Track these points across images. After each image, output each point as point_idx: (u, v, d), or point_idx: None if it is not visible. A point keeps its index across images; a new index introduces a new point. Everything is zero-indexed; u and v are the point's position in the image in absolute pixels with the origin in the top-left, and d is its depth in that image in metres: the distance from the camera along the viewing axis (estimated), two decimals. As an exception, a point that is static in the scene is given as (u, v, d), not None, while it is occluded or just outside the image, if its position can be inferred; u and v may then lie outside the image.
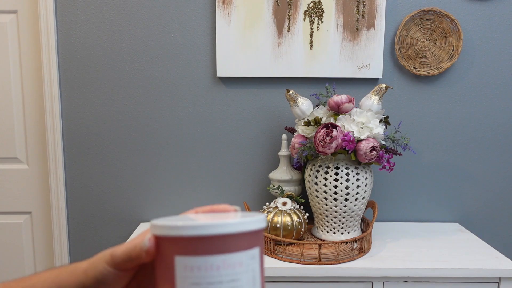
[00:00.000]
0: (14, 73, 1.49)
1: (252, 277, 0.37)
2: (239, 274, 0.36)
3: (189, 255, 0.35)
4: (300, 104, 1.28)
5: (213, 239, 0.35)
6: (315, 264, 1.16)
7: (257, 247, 0.38)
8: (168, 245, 0.36)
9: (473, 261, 1.19)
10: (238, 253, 0.36)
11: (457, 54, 1.41)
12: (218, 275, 0.35)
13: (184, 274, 0.35)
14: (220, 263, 0.35)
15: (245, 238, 0.37)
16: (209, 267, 0.35)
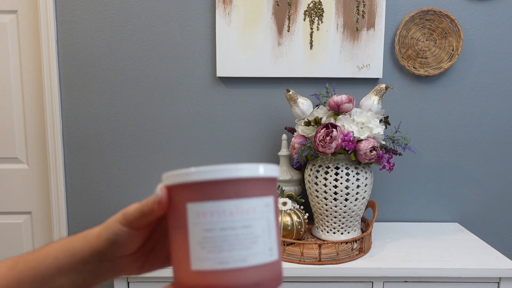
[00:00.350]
0: (14, 73, 1.49)
1: (266, 225, 0.36)
2: (252, 220, 0.35)
3: (201, 201, 0.34)
4: (300, 104, 1.28)
5: (226, 184, 0.34)
6: (315, 264, 1.16)
7: (272, 196, 0.37)
8: (180, 192, 0.35)
9: (473, 261, 1.19)
10: (252, 199, 0.35)
11: (457, 54, 1.41)
12: (231, 220, 0.34)
13: (196, 220, 0.34)
14: (233, 208, 0.34)
15: (259, 184, 0.36)
16: (221, 213, 0.34)
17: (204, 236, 0.34)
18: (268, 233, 0.36)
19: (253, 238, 0.35)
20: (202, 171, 0.34)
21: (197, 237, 0.34)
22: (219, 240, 0.34)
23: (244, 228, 0.34)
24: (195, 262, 0.34)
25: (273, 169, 0.37)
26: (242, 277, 0.34)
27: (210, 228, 0.34)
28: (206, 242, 0.34)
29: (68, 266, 0.41)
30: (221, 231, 0.34)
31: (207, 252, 0.34)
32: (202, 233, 0.34)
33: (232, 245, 0.34)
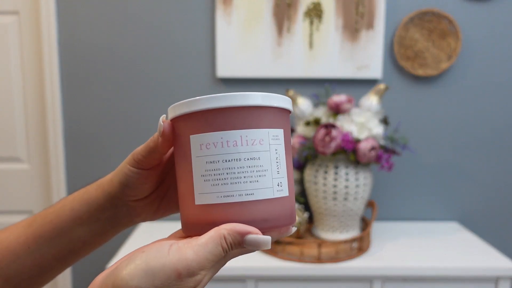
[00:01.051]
0: (16, 74, 1.50)
1: (275, 158, 0.33)
2: (259, 152, 0.32)
3: (204, 132, 0.32)
4: (300, 104, 1.29)
5: (230, 113, 0.32)
6: (314, 263, 1.16)
7: (281, 128, 0.34)
8: (183, 124, 0.33)
9: (471, 260, 1.20)
10: (259, 130, 0.32)
11: (455, 55, 1.42)
12: (236, 151, 0.31)
13: (199, 152, 0.32)
14: (238, 138, 0.32)
15: (268, 114, 0.33)
16: (225, 143, 0.31)
17: (207, 169, 0.32)
18: (277, 167, 0.33)
19: (260, 171, 0.32)
20: (204, 99, 0.32)
21: (200, 170, 0.32)
22: (223, 172, 0.31)
23: (250, 160, 0.32)
24: (199, 197, 0.32)
25: (284, 100, 0.34)
26: (248, 211, 0.32)
27: (213, 160, 0.32)
28: (210, 175, 0.32)
29: (85, 215, 0.41)
30: (225, 162, 0.31)
31: (211, 185, 0.32)
32: (205, 165, 0.32)
33: (237, 177, 0.31)
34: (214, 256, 0.30)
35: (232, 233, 0.30)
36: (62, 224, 0.41)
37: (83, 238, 0.42)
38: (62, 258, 0.43)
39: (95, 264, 1.53)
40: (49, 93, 1.46)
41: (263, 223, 0.32)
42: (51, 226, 0.41)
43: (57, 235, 0.41)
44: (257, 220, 0.32)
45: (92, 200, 0.41)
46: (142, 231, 1.43)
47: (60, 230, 0.41)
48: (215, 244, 0.30)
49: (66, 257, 0.43)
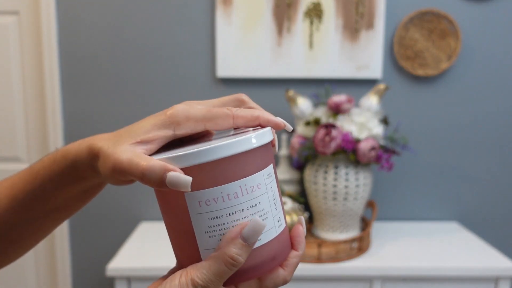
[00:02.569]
0: (16, 74, 1.50)
1: (272, 197, 0.33)
2: (259, 197, 0.31)
3: (201, 189, 0.30)
4: (300, 104, 1.29)
5: (224, 164, 0.30)
6: (314, 263, 1.16)
7: (271, 163, 0.33)
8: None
9: (471, 260, 1.20)
10: (256, 175, 0.31)
11: (455, 55, 1.42)
12: (238, 202, 0.31)
13: (199, 210, 0.30)
14: (237, 190, 0.30)
15: (258, 153, 0.32)
16: (226, 197, 0.30)
17: (211, 225, 0.31)
18: (274, 204, 0.33)
19: (263, 214, 0.32)
20: (195, 153, 0.29)
21: (203, 227, 0.31)
22: (229, 226, 0.31)
23: (252, 208, 0.31)
24: (206, 252, 0.31)
25: (268, 134, 0.33)
26: (258, 257, 0.32)
27: (216, 216, 0.30)
28: (215, 231, 0.31)
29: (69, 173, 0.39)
30: (229, 216, 0.31)
31: (217, 240, 0.31)
32: (207, 221, 0.31)
33: None
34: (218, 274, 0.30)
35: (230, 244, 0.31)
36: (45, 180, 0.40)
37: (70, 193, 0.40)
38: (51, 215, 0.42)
39: (95, 264, 1.53)
40: (49, 93, 1.46)
41: (272, 262, 0.33)
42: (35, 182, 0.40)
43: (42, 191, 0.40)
44: (267, 261, 0.32)
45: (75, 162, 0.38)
46: (142, 231, 1.43)
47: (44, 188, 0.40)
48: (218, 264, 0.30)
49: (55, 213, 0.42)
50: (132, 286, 1.18)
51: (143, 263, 1.18)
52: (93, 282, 1.55)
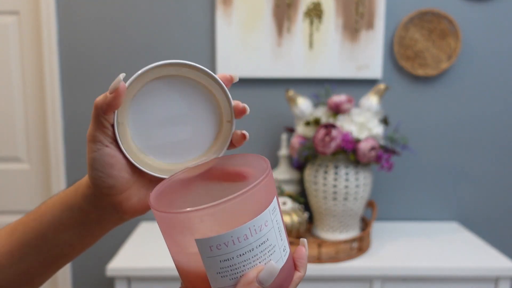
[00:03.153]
0: (16, 73, 1.50)
1: (277, 229, 0.34)
2: (266, 234, 0.32)
3: (210, 235, 0.31)
4: (300, 104, 1.29)
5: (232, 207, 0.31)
6: (314, 263, 1.16)
7: (274, 195, 0.34)
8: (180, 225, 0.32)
9: (471, 260, 1.20)
10: (263, 214, 0.32)
11: (455, 55, 1.42)
12: (248, 243, 0.31)
13: (211, 254, 0.31)
14: (246, 232, 0.31)
15: (263, 188, 0.32)
16: (236, 240, 0.31)
17: (223, 266, 0.32)
18: (280, 235, 0.34)
19: (271, 249, 0.33)
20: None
21: (215, 268, 0.32)
22: (240, 265, 0.32)
23: (261, 245, 0.32)
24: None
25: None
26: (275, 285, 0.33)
27: (228, 258, 0.31)
28: (227, 271, 0.32)
29: (68, 221, 0.39)
30: (240, 257, 0.32)
31: (229, 279, 0.32)
32: (219, 263, 0.32)
33: (253, 265, 0.32)
34: None
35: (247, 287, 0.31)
36: (45, 231, 0.40)
37: (70, 242, 0.40)
38: (49, 264, 0.41)
39: (95, 264, 1.53)
40: (49, 93, 1.46)
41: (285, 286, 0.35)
42: (34, 233, 0.40)
43: (42, 242, 0.40)
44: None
45: (72, 205, 0.39)
46: (142, 231, 1.43)
47: (44, 237, 0.40)
48: None
49: (54, 263, 0.41)
50: (132, 286, 1.18)
51: (143, 263, 1.18)
52: (93, 282, 1.55)
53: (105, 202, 0.38)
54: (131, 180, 0.38)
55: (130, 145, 0.38)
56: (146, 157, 0.39)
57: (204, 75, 0.39)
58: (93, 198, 0.38)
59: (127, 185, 0.38)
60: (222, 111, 0.40)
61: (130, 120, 0.38)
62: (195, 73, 0.39)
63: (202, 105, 0.40)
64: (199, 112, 0.40)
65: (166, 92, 0.39)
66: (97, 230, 0.41)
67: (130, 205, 0.39)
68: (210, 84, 0.39)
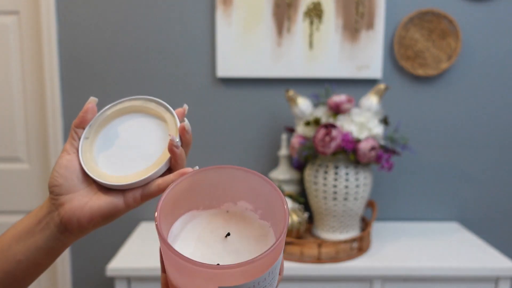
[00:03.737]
0: (16, 73, 1.50)
1: (274, 276, 0.37)
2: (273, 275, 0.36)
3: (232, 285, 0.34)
4: (300, 104, 1.29)
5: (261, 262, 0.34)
6: (314, 263, 1.16)
7: (280, 254, 0.37)
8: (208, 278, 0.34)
9: (471, 260, 1.20)
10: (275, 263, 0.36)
11: (455, 55, 1.42)
12: (264, 283, 0.35)
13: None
14: (266, 276, 0.35)
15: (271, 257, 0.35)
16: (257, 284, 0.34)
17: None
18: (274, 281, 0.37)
19: (275, 275, 0.36)
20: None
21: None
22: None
23: (272, 279, 0.35)
24: None
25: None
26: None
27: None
28: None
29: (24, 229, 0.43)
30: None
31: None
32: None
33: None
34: None
35: None
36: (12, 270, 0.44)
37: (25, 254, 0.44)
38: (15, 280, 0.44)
39: (95, 264, 1.53)
40: (49, 92, 1.46)
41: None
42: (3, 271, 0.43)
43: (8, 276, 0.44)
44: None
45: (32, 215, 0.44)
46: (142, 231, 1.43)
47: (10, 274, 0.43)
48: None
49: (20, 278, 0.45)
50: (132, 286, 1.18)
51: (143, 263, 1.18)
52: (93, 282, 1.55)
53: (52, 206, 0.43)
54: (79, 186, 0.44)
55: (90, 157, 0.45)
56: (101, 170, 0.45)
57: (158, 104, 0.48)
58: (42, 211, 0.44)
59: (74, 188, 0.43)
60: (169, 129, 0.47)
61: (96, 137, 0.47)
62: (153, 105, 0.48)
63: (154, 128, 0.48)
64: (152, 133, 0.47)
65: (128, 120, 0.48)
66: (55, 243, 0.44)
67: (70, 207, 0.43)
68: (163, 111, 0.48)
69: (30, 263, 0.43)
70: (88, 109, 0.45)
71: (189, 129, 0.45)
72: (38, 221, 0.43)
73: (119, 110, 0.48)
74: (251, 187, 0.40)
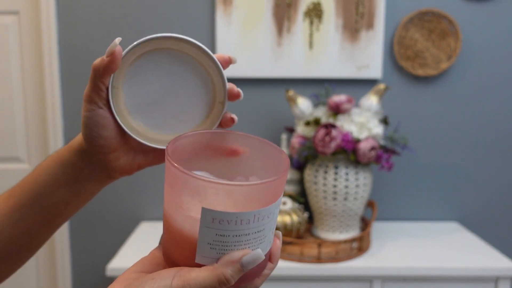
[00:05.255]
0: (16, 73, 1.50)
1: (274, 222, 0.35)
2: (265, 224, 0.34)
3: (218, 209, 0.32)
4: (300, 104, 1.29)
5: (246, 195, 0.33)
6: (314, 263, 1.16)
7: (282, 192, 0.36)
8: (193, 187, 0.33)
9: (471, 260, 1.20)
10: (270, 206, 0.34)
11: (455, 55, 1.42)
12: (247, 228, 0.33)
13: (210, 225, 0.33)
14: (250, 217, 0.33)
15: (275, 187, 0.34)
16: (239, 222, 0.33)
17: (216, 240, 0.33)
18: (273, 228, 0.36)
19: (262, 239, 0.34)
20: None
21: (208, 239, 0.33)
22: (231, 244, 0.33)
23: (257, 233, 0.34)
24: (201, 258, 0.34)
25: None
26: (246, 273, 0.34)
27: (224, 234, 0.33)
28: (217, 245, 0.33)
29: (62, 178, 0.41)
30: (235, 237, 0.33)
31: (216, 252, 0.33)
32: (214, 236, 0.33)
33: (242, 247, 0.34)
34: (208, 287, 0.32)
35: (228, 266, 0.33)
36: (41, 190, 0.42)
37: (65, 199, 0.42)
38: (47, 223, 0.43)
39: (95, 264, 1.53)
40: (49, 92, 1.46)
41: (255, 275, 0.36)
42: (31, 193, 0.42)
43: (38, 201, 0.42)
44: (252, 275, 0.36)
45: (66, 162, 0.41)
46: (142, 231, 1.43)
47: (40, 195, 0.42)
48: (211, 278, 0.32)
49: (52, 221, 0.43)
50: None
51: (143, 263, 1.17)
52: (93, 282, 1.55)
53: (95, 159, 0.40)
54: (120, 142, 0.40)
55: (121, 108, 0.39)
56: (135, 122, 0.40)
57: (202, 53, 0.39)
58: (85, 155, 0.41)
59: (116, 146, 0.40)
60: (216, 91, 0.41)
61: (125, 85, 0.39)
62: (193, 50, 0.39)
63: (197, 82, 0.41)
64: (193, 88, 0.41)
65: (163, 65, 0.40)
66: (89, 187, 0.43)
67: (118, 165, 0.41)
68: (207, 63, 0.40)
69: (80, 201, 0.43)
70: (116, 55, 0.36)
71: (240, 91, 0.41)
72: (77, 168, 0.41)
73: (149, 51, 0.39)
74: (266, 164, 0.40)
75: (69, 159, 0.41)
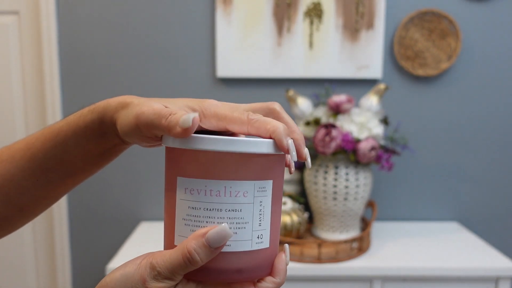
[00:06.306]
0: (16, 74, 1.50)
1: (258, 210, 0.33)
2: (242, 205, 0.32)
3: (189, 176, 0.32)
4: (300, 104, 1.29)
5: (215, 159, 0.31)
6: (314, 263, 1.16)
7: (271, 180, 0.33)
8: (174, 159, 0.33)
9: (471, 260, 1.20)
10: (244, 182, 0.32)
11: (455, 55, 1.42)
12: (218, 201, 0.31)
13: (184, 196, 0.32)
14: (221, 189, 0.31)
15: (256, 163, 0.32)
16: (208, 192, 0.31)
17: (189, 214, 0.32)
18: (259, 219, 0.33)
19: (241, 223, 0.32)
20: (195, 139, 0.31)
21: (182, 213, 0.32)
22: (203, 220, 0.32)
23: (231, 212, 0.32)
24: (178, 238, 0.33)
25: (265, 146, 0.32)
26: (224, 261, 0.32)
27: (195, 207, 0.32)
28: (190, 220, 0.32)
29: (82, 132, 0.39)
30: (206, 211, 0.31)
31: (190, 230, 0.32)
32: (187, 209, 0.32)
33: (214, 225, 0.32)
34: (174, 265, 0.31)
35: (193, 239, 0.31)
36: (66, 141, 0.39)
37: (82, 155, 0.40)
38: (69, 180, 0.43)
39: (95, 264, 1.53)
40: (49, 93, 1.46)
41: (237, 274, 0.33)
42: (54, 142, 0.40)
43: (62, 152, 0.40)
44: (231, 270, 0.33)
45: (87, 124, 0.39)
46: (142, 231, 1.43)
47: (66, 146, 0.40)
48: (177, 255, 0.31)
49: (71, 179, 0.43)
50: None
51: (143, 263, 1.17)
52: (93, 282, 1.55)
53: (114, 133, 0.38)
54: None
55: None
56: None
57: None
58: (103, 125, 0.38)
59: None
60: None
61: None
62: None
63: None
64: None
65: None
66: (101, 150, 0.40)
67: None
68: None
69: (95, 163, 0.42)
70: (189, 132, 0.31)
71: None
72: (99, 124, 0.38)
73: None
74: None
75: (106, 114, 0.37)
